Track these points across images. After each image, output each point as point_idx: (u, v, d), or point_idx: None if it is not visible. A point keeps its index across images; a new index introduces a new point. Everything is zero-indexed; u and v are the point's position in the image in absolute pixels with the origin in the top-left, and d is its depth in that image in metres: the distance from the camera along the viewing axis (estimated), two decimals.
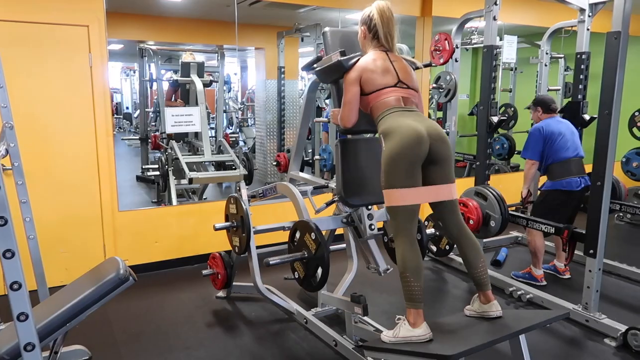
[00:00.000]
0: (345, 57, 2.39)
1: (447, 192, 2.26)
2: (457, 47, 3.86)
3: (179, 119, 3.95)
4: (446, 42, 3.82)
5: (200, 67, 5.37)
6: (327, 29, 2.70)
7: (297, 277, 2.68)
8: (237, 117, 9.23)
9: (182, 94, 5.72)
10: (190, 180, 4.38)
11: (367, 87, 2.35)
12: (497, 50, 3.57)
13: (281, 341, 2.98)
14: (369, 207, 2.79)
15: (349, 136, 2.70)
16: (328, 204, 2.75)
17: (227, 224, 3.19)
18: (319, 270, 2.53)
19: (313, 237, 2.52)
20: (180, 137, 5.57)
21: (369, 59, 2.38)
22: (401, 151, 2.12)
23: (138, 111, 9.12)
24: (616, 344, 2.89)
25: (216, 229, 3.16)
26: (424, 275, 2.19)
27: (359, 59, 2.40)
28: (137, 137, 7.29)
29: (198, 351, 2.85)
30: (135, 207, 4.73)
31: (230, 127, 9.01)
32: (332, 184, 2.87)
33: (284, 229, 3.33)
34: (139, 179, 6.98)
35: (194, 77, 5.17)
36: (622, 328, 2.91)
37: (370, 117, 2.40)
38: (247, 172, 4.93)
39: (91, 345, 2.79)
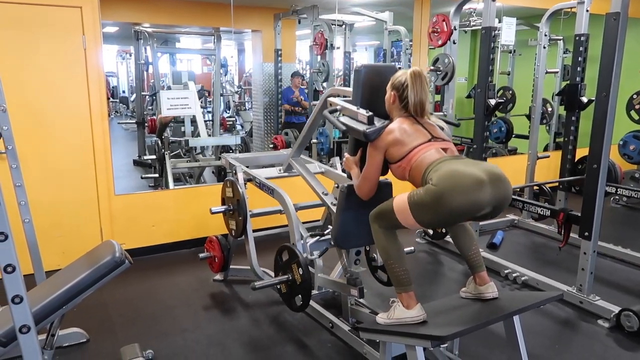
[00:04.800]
0: (371, 130, 2.20)
1: None
2: (455, 29, 3.82)
3: (175, 102, 3.92)
4: (444, 23, 3.78)
5: (190, 74, 5.29)
6: (360, 65, 2.43)
7: (280, 292, 2.73)
8: (234, 101, 9.18)
9: None
10: (187, 142, 4.36)
11: (398, 153, 2.17)
12: (496, 32, 3.54)
13: (278, 323, 3.00)
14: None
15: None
16: (321, 254, 2.72)
17: (224, 207, 3.18)
18: (301, 297, 2.58)
19: (300, 272, 2.55)
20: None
21: (395, 128, 2.20)
22: (454, 196, 1.88)
23: (134, 95, 9.07)
24: (609, 325, 2.92)
25: (212, 213, 3.16)
26: (406, 257, 2.17)
27: (384, 129, 2.23)
28: (134, 121, 7.25)
29: (195, 333, 2.87)
30: (132, 191, 4.73)
31: (227, 111, 8.97)
32: (328, 199, 2.77)
33: (280, 212, 3.34)
34: (135, 163, 6.96)
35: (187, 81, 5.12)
36: (616, 309, 2.93)
37: (414, 182, 2.17)
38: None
39: (88, 328, 2.81)
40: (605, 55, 2.82)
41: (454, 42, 3.88)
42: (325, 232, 2.78)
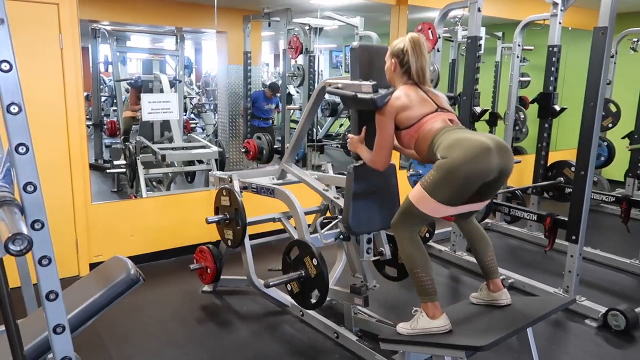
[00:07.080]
0: (379, 96, 2.21)
1: (480, 206, 2.22)
2: (439, 37, 3.89)
3: (156, 106, 3.73)
4: (430, 32, 3.84)
5: (162, 64, 5.08)
6: (356, 44, 2.45)
7: (291, 291, 2.58)
8: (191, 103, 8.88)
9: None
10: (163, 157, 4.14)
11: (406, 122, 2.21)
12: (480, 41, 3.64)
13: (279, 335, 2.92)
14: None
15: (361, 162, 2.45)
16: (336, 238, 2.70)
17: (220, 216, 3.06)
18: (317, 292, 2.48)
19: (314, 263, 2.44)
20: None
21: (402, 94, 2.23)
22: (464, 163, 1.93)
23: (85, 94, 8.58)
24: (597, 325, 3.06)
25: (209, 222, 3.03)
26: (432, 266, 2.18)
27: (391, 94, 2.24)
28: (89, 123, 6.86)
29: (194, 348, 2.74)
30: (94, 197, 4.45)
31: (185, 114, 8.67)
32: (330, 194, 2.79)
33: (274, 221, 3.26)
34: (92, 167, 6.59)
35: (158, 73, 4.88)
36: (602, 309, 3.08)
37: (419, 151, 2.23)
38: (221, 149, 4.75)
39: (78, 349, 2.59)
40: (593, 68, 2.95)
41: (438, 50, 3.95)
42: (336, 220, 2.72)
